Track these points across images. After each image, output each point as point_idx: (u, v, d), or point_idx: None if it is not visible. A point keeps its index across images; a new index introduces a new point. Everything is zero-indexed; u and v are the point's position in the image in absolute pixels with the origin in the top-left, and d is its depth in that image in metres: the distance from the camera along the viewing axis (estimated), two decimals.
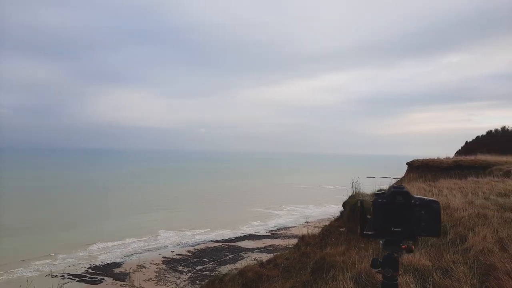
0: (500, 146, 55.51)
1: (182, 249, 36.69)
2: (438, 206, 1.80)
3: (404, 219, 1.79)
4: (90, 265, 30.95)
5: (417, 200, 1.79)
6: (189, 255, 34.96)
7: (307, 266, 7.41)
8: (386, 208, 1.80)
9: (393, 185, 1.85)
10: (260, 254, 32.88)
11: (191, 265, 32.00)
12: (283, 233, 43.49)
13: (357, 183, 11.81)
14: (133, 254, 34.42)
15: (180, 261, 32.97)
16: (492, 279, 3.45)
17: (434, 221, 1.80)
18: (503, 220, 6.23)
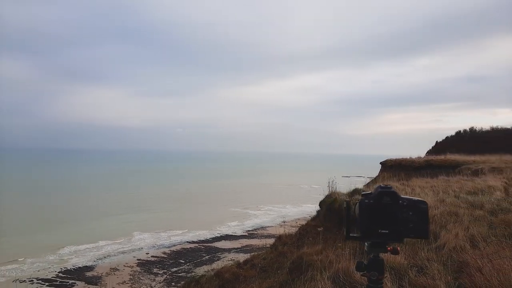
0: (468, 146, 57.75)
1: (158, 251, 36.09)
2: (426, 206, 1.74)
3: (392, 221, 1.71)
4: (60, 269, 29.93)
5: (405, 201, 1.71)
6: (164, 257, 34.43)
7: (284, 266, 7.40)
8: (373, 209, 1.72)
9: (380, 185, 1.76)
10: (237, 255, 32.80)
11: (166, 267, 31.52)
12: (260, 233, 43.57)
13: (333, 182, 11.91)
14: (106, 257, 33.55)
15: (155, 263, 32.42)
16: (465, 276, 3.54)
17: (422, 222, 1.72)
18: (473, 217, 6.43)
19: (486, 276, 3.29)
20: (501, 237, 4.74)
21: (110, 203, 62.56)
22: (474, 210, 7.18)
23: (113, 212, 54.19)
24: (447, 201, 8.57)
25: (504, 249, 3.98)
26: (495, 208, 7.40)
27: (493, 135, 72.94)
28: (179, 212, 56.64)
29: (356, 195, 9.80)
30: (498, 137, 68.44)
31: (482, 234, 4.98)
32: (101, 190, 78.65)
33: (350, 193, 10.47)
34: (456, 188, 11.39)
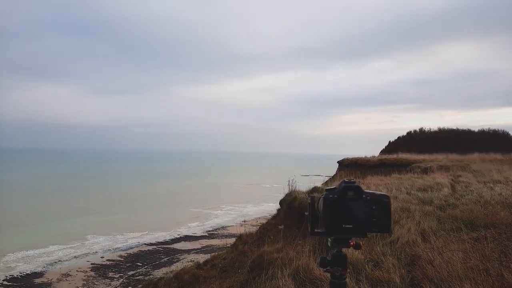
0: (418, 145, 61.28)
1: (113, 254, 34.75)
2: (388, 200, 1.72)
3: (356, 215, 1.68)
4: (6, 276, 27.93)
5: (368, 195, 1.70)
6: (121, 260, 33.23)
7: (245, 265, 7.39)
8: (337, 204, 1.69)
9: (344, 180, 1.74)
10: (196, 255, 32.38)
11: (123, 271, 30.43)
12: (221, 233, 43.33)
13: (293, 181, 12.07)
14: (57, 262, 31.78)
15: (111, 267, 31.19)
16: (417, 268, 3.73)
17: (385, 216, 1.71)
18: (424, 213, 6.80)
19: (436, 268, 3.48)
20: (449, 231, 5.04)
21: (61, 205, 59.38)
22: (424, 206, 7.58)
23: (65, 215, 51.47)
24: (399, 197, 8.99)
25: (452, 242, 4.24)
26: (443, 204, 7.86)
27: (440, 136, 77.83)
28: (137, 213, 54.95)
29: (315, 193, 10.03)
30: (445, 137, 73.18)
31: (432, 229, 5.27)
32: (51, 192, 74.46)
33: (309, 191, 10.69)
34: (407, 185, 11.99)
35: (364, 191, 1.70)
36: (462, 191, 10.23)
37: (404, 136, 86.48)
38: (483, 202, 7.93)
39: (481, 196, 8.97)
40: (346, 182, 1.70)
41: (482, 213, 6.45)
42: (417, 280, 3.61)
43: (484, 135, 74.49)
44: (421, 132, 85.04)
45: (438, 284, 3.35)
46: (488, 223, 5.52)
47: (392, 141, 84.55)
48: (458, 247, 3.95)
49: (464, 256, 3.66)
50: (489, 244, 4.03)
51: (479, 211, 6.62)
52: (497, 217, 5.96)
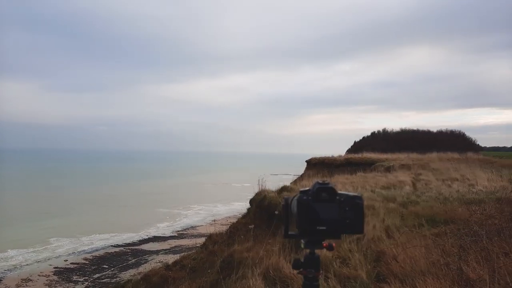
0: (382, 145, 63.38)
1: (78, 257, 33.47)
2: (361, 202, 1.71)
3: (329, 217, 1.67)
4: None
5: (342, 197, 1.68)
6: (85, 263, 32.07)
7: (215, 264, 7.36)
8: (311, 206, 1.68)
9: (317, 181, 1.70)
10: (165, 256, 31.82)
11: (88, 274, 29.38)
12: (190, 233, 42.84)
13: (263, 180, 12.14)
14: (17, 267, 30.19)
15: (75, 270, 30.03)
16: (382, 264, 3.88)
17: (358, 217, 1.70)
18: (388, 210, 7.07)
19: (400, 263, 3.64)
20: (411, 227, 5.28)
21: (21, 207, 56.39)
22: (388, 203, 7.88)
23: (26, 217, 48.92)
24: (364, 195, 9.25)
25: (415, 238, 4.44)
26: (406, 201, 8.21)
27: (402, 136, 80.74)
28: (103, 215, 53.18)
29: (284, 192, 10.15)
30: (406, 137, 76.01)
31: (396, 225, 5.50)
32: (10, 194, 70.58)
33: (278, 190, 10.81)
34: (372, 184, 12.41)
35: (337, 193, 1.69)
36: (423, 189, 10.72)
37: (369, 136, 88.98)
38: (442, 199, 8.35)
39: (440, 193, 9.43)
40: (320, 184, 1.67)
41: (441, 209, 6.79)
42: (382, 276, 3.77)
43: (442, 135, 77.98)
44: (384, 132, 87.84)
45: (402, 279, 3.50)
46: (447, 219, 5.83)
47: (357, 141, 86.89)
48: (420, 243, 4.15)
49: (426, 252, 3.86)
50: (449, 240, 4.26)
51: (438, 208, 6.97)
52: (455, 213, 6.30)
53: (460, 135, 79.32)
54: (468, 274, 3.35)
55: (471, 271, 3.40)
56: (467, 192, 9.51)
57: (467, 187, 10.78)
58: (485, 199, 7.88)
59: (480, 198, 8.09)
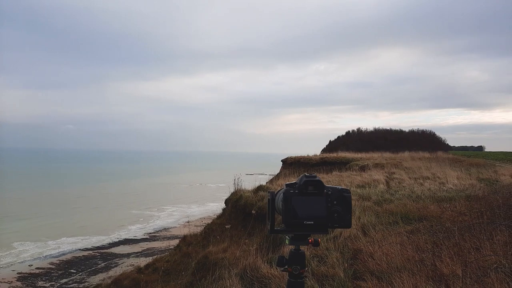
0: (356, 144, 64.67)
1: (44, 262, 32.14)
2: (349, 195, 1.67)
3: (317, 211, 1.61)
4: None
5: (329, 190, 1.63)
6: (52, 268, 30.84)
7: (189, 266, 7.20)
8: (298, 200, 1.61)
9: (304, 174, 1.65)
10: (137, 259, 31.11)
11: (54, 279, 28.26)
12: (163, 235, 42.09)
13: (238, 180, 12.02)
14: None
15: (41, 276, 28.82)
16: (359, 262, 3.87)
17: (347, 211, 1.65)
18: (363, 208, 7.14)
19: (377, 260, 3.65)
20: (386, 224, 5.33)
21: None
22: (363, 202, 7.96)
23: None
24: None
25: (390, 235, 4.47)
26: (380, 199, 8.33)
27: (375, 135, 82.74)
28: (71, 217, 51.40)
29: (260, 191, 10.08)
30: (380, 137, 77.97)
31: (371, 223, 5.54)
32: None
33: (254, 190, 10.73)
34: (347, 182, 12.56)
35: (325, 186, 1.63)
36: (396, 187, 10.95)
37: (344, 135, 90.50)
38: (415, 197, 8.55)
39: (413, 191, 9.65)
40: (307, 176, 1.62)
41: (414, 207, 6.93)
42: (359, 273, 3.77)
43: (413, 135, 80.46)
44: (359, 132, 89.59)
45: (379, 276, 3.51)
46: (420, 216, 5.95)
47: (333, 140, 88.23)
48: (395, 240, 4.18)
49: (401, 248, 3.89)
50: (423, 236, 4.33)
51: (412, 206, 7.11)
52: (428, 210, 6.45)
53: (430, 134, 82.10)
54: (442, 270, 3.40)
55: (444, 266, 3.45)
56: (438, 190, 9.78)
57: (438, 185, 11.11)
58: (456, 196, 8.13)
59: (451, 196, 8.34)
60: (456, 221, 5.03)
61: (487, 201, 6.73)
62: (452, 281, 3.21)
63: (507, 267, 3.27)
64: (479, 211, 5.78)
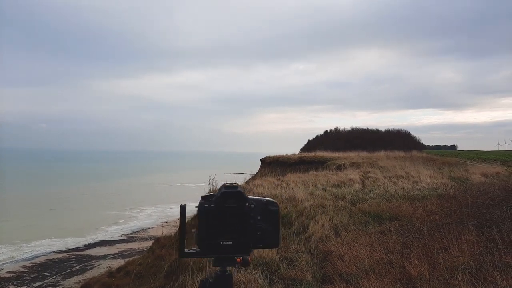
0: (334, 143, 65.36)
1: (15, 266, 30.91)
2: (277, 209, 1.40)
3: (237, 229, 1.34)
4: None
5: (253, 202, 1.36)
6: (24, 271, 29.70)
7: (161, 270, 7.01)
8: (215, 216, 1.33)
9: (224, 184, 1.38)
10: (113, 261, 30.38)
11: (27, 283, 27.22)
12: (141, 236, 41.29)
13: (214, 180, 11.80)
14: None
15: (12, 280, 27.70)
16: (328, 264, 3.80)
17: (273, 228, 1.38)
18: (337, 208, 7.13)
19: (346, 263, 3.59)
20: (358, 224, 5.31)
21: None
22: (337, 201, 7.97)
23: None
24: (316, 193, 9.36)
25: (360, 236, 4.43)
26: (354, 198, 8.36)
27: (353, 134, 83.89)
28: (45, 219, 49.75)
29: None
30: (357, 136, 79.16)
31: (344, 223, 5.51)
32: None
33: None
34: (323, 182, 12.61)
35: (248, 198, 1.37)
36: (371, 186, 11.05)
37: (322, 135, 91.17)
38: (388, 196, 8.62)
39: (387, 190, 9.76)
40: (226, 188, 1.36)
41: (387, 206, 6.97)
42: (328, 276, 3.70)
43: (389, 135, 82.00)
44: (337, 132, 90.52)
45: (347, 279, 3.45)
46: (392, 216, 5.97)
47: (311, 140, 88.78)
48: (365, 241, 4.15)
49: (371, 250, 3.85)
50: (393, 237, 4.31)
51: (385, 205, 7.15)
52: (400, 209, 6.49)
53: (405, 134, 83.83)
54: (410, 271, 3.37)
55: (412, 268, 3.43)
56: (411, 189, 9.92)
57: (412, 184, 11.28)
58: (428, 195, 8.25)
59: (423, 194, 8.46)
60: (427, 220, 5.05)
61: (457, 200, 6.83)
62: (420, 283, 3.18)
63: (474, 267, 3.27)
64: (449, 210, 5.86)
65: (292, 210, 6.95)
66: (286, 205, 7.87)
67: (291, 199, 8.25)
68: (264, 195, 8.07)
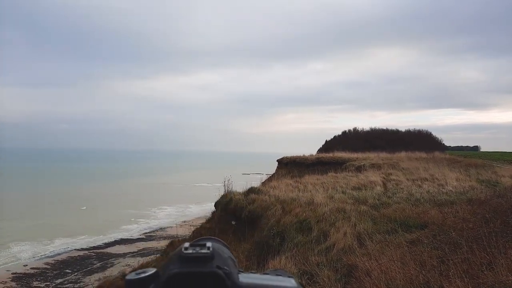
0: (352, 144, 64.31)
1: (39, 262, 31.66)
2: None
3: None
4: None
5: None
6: (47, 268, 30.39)
7: None
8: None
9: (182, 248, 0.70)
10: (132, 259, 30.72)
11: (49, 279, 27.83)
12: (159, 235, 41.66)
13: (229, 181, 11.47)
14: None
15: (36, 276, 28.37)
16: (354, 281, 3.41)
17: None
18: (359, 213, 6.69)
19: (374, 280, 3.18)
20: (384, 233, 4.87)
21: None
22: (359, 206, 7.52)
23: None
24: (335, 197, 8.93)
25: (388, 247, 4.02)
26: (377, 203, 7.88)
27: (372, 135, 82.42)
28: (67, 217, 50.87)
29: (251, 194, 9.64)
30: (376, 137, 77.70)
31: (368, 231, 5.08)
32: None
33: (245, 192, 10.26)
34: (343, 184, 12.14)
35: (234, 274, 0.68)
36: (394, 189, 10.52)
37: (340, 135, 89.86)
38: (413, 200, 8.11)
39: (411, 194, 9.22)
40: (181, 264, 0.67)
41: (414, 212, 6.49)
42: None
43: (410, 135, 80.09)
44: (355, 132, 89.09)
45: None
46: (421, 223, 5.50)
47: (329, 140, 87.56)
48: (395, 254, 3.72)
49: (402, 265, 3.42)
50: (426, 249, 3.87)
51: (410, 210, 6.67)
52: (428, 216, 6.00)
53: (427, 134, 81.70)
54: None
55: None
56: (437, 192, 9.35)
57: (437, 187, 10.68)
58: (456, 200, 7.70)
59: (451, 199, 7.91)
60: (461, 229, 4.58)
61: (490, 205, 6.30)
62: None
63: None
64: (483, 217, 5.36)
65: (311, 215, 6.56)
66: (304, 209, 7.50)
67: (310, 203, 7.86)
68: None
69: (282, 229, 6.70)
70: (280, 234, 6.62)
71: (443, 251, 3.62)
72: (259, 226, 7.72)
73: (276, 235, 6.68)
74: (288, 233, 6.39)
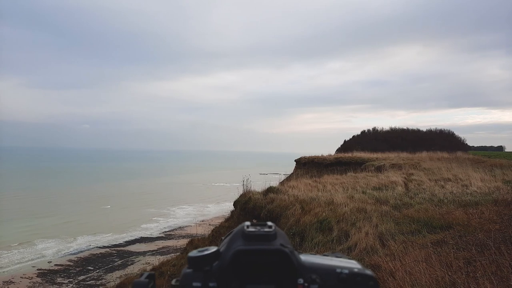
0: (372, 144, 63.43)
1: (62, 259, 32.56)
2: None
3: None
4: None
5: (316, 276, 0.72)
6: (70, 265, 31.22)
7: None
8: None
9: (243, 227, 0.75)
10: (152, 257, 31.18)
11: (72, 276, 28.58)
12: (178, 233, 42.16)
13: (247, 181, 11.46)
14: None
15: (60, 272, 29.20)
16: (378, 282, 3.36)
17: None
18: (380, 213, 6.59)
19: (399, 281, 3.13)
20: (407, 233, 4.79)
21: (5, 207, 54.95)
22: (380, 206, 7.41)
23: (10, 218, 47.58)
24: (355, 197, 8.82)
25: (412, 247, 3.95)
26: (398, 203, 7.74)
27: (392, 135, 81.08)
28: (89, 215, 52.12)
29: (270, 193, 9.63)
30: (396, 137, 76.38)
31: (390, 231, 5.00)
32: None
33: (264, 191, 10.26)
34: (363, 184, 11.97)
35: (301, 264, 0.71)
36: (415, 190, 10.31)
37: (359, 135, 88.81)
38: (436, 201, 7.93)
39: (434, 194, 9.02)
40: (248, 232, 0.72)
41: (437, 212, 6.34)
42: None
43: (431, 135, 78.40)
44: (374, 132, 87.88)
45: None
46: (445, 224, 5.37)
47: (348, 140, 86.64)
48: (419, 254, 3.65)
49: (427, 266, 3.35)
50: (452, 250, 3.78)
51: (434, 211, 6.52)
52: (453, 216, 5.86)
53: (449, 134, 79.81)
54: None
55: None
56: (461, 193, 9.11)
57: (461, 188, 10.40)
58: (482, 201, 7.48)
59: (476, 200, 7.69)
60: (487, 230, 4.45)
61: None
62: None
63: None
64: (510, 218, 5.19)
65: (331, 215, 6.50)
66: (324, 209, 7.44)
67: (329, 203, 7.79)
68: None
69: (302, 228, 6.68)
70: (300, 233, 6.61)
71: (469, 252, 3.53)
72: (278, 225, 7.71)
73: (295, 234, 6.68)
74: (308, 232, 6.37)
